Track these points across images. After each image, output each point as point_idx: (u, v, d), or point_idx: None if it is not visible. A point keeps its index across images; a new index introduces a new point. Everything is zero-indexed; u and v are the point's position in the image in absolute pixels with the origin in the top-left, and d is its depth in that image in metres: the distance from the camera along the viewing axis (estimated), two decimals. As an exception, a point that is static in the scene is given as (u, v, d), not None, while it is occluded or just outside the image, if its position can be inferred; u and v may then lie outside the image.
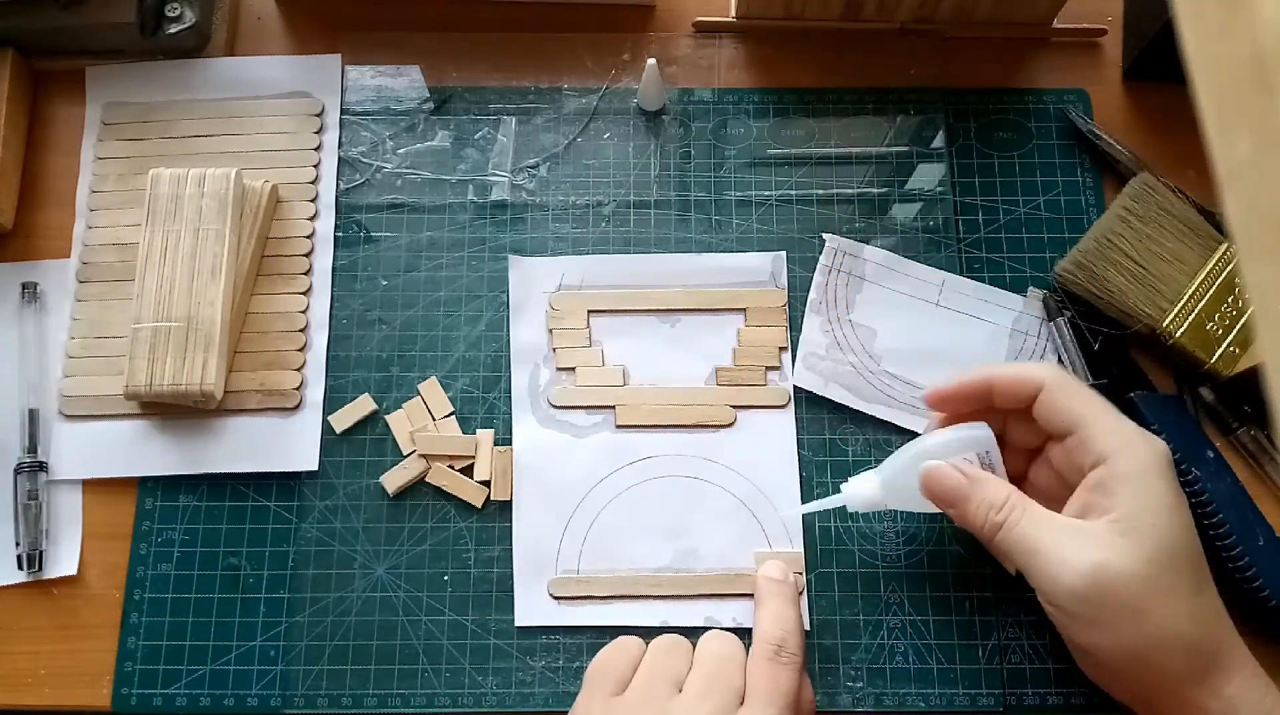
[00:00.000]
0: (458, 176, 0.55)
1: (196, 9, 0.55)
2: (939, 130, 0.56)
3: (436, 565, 0.49)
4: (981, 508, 0.41)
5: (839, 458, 0.50)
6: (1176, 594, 0.38)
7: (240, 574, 0.49)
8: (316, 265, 0.53)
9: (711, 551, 0.49)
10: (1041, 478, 0.45)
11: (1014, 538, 0.40)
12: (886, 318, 0.52)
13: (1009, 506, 0.41)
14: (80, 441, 0.51)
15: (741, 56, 0.58)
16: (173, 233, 0.51)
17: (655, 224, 0.54)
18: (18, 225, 0.54)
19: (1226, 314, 0.49)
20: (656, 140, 0.56)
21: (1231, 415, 0.50)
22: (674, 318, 0.53)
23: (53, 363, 0.52)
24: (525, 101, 0.56)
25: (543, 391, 0.51)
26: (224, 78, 0.56)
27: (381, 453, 0.50)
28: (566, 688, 0.47)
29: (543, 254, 0.54)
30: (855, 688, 0.47)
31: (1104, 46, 0.58)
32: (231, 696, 0.47)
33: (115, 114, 0.56)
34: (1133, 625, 0.38)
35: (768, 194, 0.55)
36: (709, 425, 0.51)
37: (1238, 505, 0.46)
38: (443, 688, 0.47)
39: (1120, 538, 0.38)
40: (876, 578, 0.49)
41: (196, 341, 0.49)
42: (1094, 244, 0.51)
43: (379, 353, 0.52)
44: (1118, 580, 0.38)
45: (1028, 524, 0.40)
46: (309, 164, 0.55)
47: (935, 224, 0.54)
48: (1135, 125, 0.56)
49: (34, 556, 0.48)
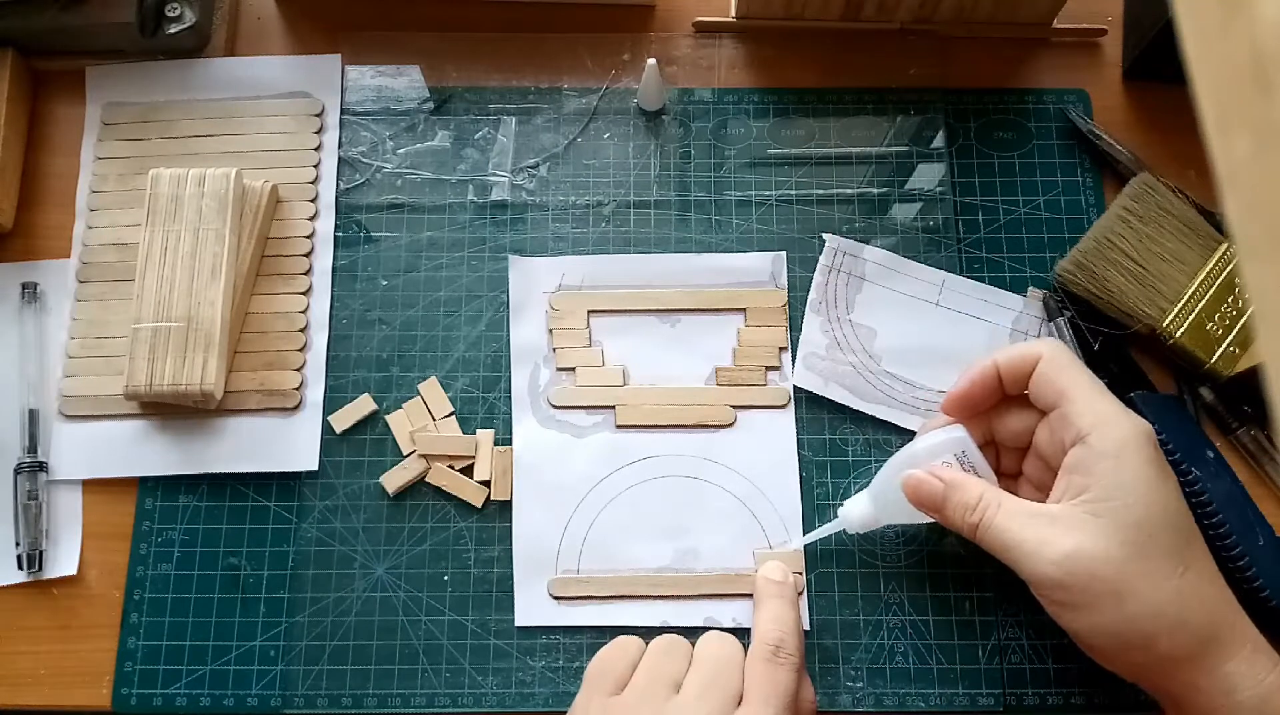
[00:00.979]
0: (458, 176, 0.55)
1: (196, 9, 0.55)
2: (939, 130, 0.56)
3: (436, 565, 0.49)
4: (958, 510, 0.42)
5: (839, 458, 0.50)
6: (1158, 574, 0.38)
7: (240, 574, 0.49)
8: (316, 265, 0.53)
9: (711, 551, 0.49)
10: (1033, 471, 0.45)
11: (991, 535, 0.40)
12: (887, 318, 0.52)
13: (982, 505, 0.41)
14: (80, 441, 0.51)
15: (741, 56, 0.58)
16: (173, 233, 0.51)
17: (655, 224, 0.54)
18: (18, 225, 0.54)
19: (1226, 314, 0.49)
20: (656, 140, 0.56)
21: (1231, 415, 0.50)
22: (674, 318, 0.53)
23: (53, 363, 0.52)
24: (525, 101, 0.56)
25: (543, 391, 0.51)
26: (224, 78, 0.56)
27: (381, 453, 0.50)
28: (566, 688, 0.47)
29: (543, 254, 0.54)
30: (855, 688, 0.47)
31: (1104, 46, 0.58)
32: (231, 696, 0.47)
33: (115, 114, 0.56)
34: (1114, 607, 0.38)
35: (768, 194, 0.55)
36: (709, 425, 0.51)
37: (1238, 505, 0.46)
38: (443, 688, 0.47)
39: (1095, 520, 0.38)
40: (876, 578, 0.49)
41: (196, 341, 0.49)
42: (1094, 244, 0.51)
43: (379, 353, 0.52)
44: (1092, 564, 0.38)
45: (1002, 519, 0.40)
46: (309, 164, 0.55)
47: (935, 224, 0.54)
48: (1135, 125, 0.56)
49: (34, 556, 0.48)
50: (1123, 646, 0.39)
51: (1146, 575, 0.38)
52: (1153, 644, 0.38)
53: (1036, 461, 0.44)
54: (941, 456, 0.44)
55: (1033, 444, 0.44)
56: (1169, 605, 0.38)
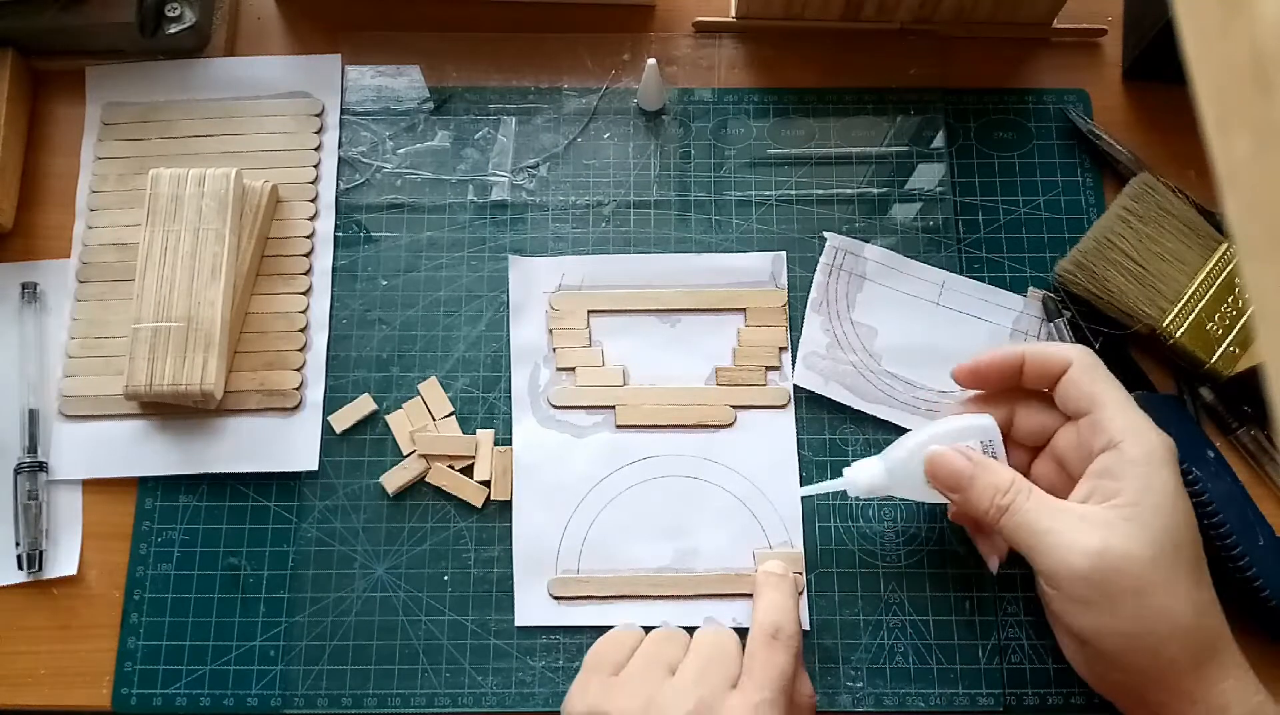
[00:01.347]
0: (458, 176, 0.55)
1: (196, 9, 0.55)
2: (939, 130, 0.56)
3: (436, 565, 0.49)
4: (987, 491, 0.42)
5: (839, 457, 0.50)
6: (1178, 582, 0.39)
7: (240, 574, 0.49)
8: (316, 265, 0.53)
9: (711, 551, 0.49)
10: (1044, 473, 0.45)
11: (1019, 521, 0.40)
12: (887, 317, 0.52)
13: (1014, 490, 0.41)
14: (80, 441, 0.51)
15: (741, 56, 0.58)
16: (173, 233, 0.51)
17: (655, 224, 0.54)
18: (18, 225, 0.54)
19: (1226, 314, 0.49)
20: (656, 140, 0.56)
21: (1231, 415, 0.50)
22: (674, 318, 0.53)
23: (53, 363, 0.52)
24: (525, 101, 0.56)
25: (543, 391, 0.51)
26: (224, 78, 0.56)
27: (381, 453, 0.50)
28: (566, 688, 0.47)
29: (543, 254, 0.54)
30: (855, 688, 0.47)
31: (1104, 46, 0.58)
32: (231, 696, 0.47)
33: (115, 114, 0.56)
34: (1134, 608, 0.38)
35: (768, 194, 0.55)
36: (709, 425, 0.51)
37: (1238, 505, 0.46)
38: (443, 688, 0.47)
39: (1125, 523, 0.39)
40: (876, 578, 0.49)
41: (196, 341, 0.49)
42: (1094, 244, 0.51)
43: (379, 353, 0.52)
44: (1122, 562, 0.38)
45: (1033, 507, 0.40)
46: (309, 164, 0.55)
47: (935, 224, 0.54)
48: (1135, 125, 0.56)
49: (34, 556, 0.48)
50: (1131, 649, 0.39)
51: (1167, 581, 0.38)
52: (1163, 648, 0.38)
53: (1051, 463, 0.45)
54: (967, 440, 0.44)
55: (1050, 445, 0.45)
56: (1185, 613, 0.38)
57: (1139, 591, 0.38)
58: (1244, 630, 0.48)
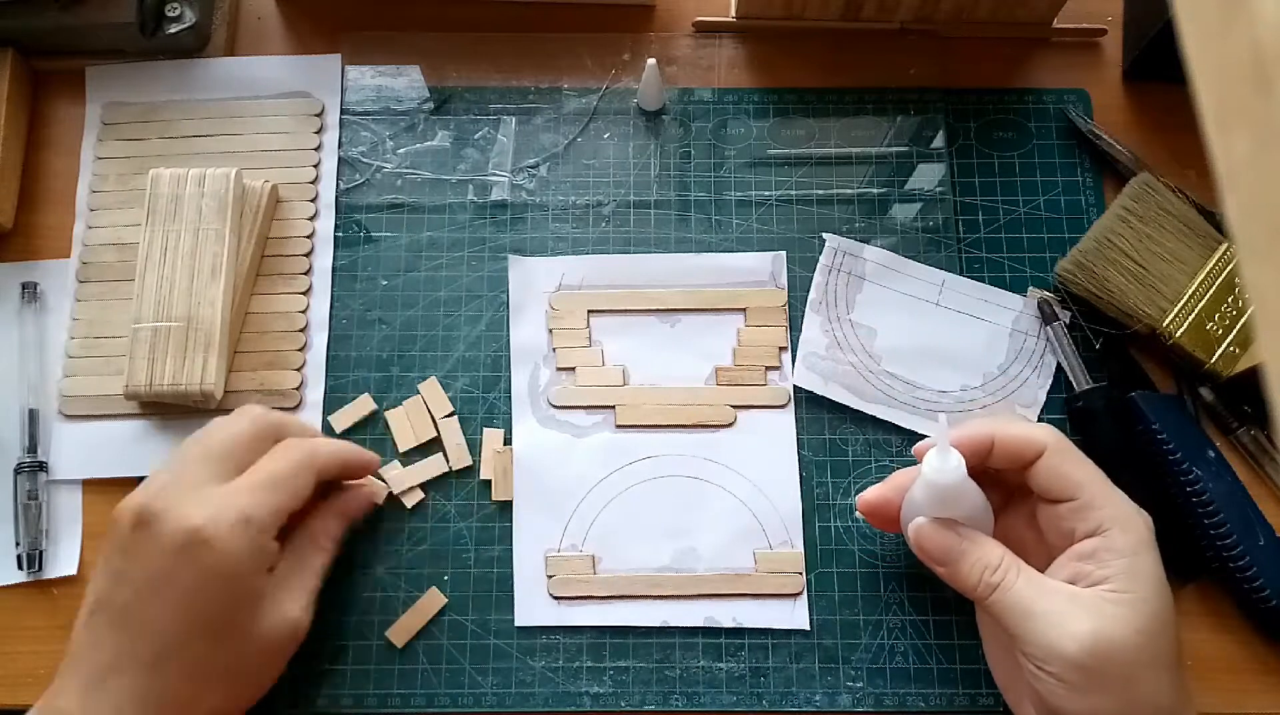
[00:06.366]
0: (458, 176, 0.55)
1: (196, 9, 0.56)
2: (939, 130, 0.56)
3: (436, 565, 0.49)
4: (976, 567, 0.41)
5: (839, 458, 0.50)
6: (1162, 665, 0.39)
7: (240, 574, 0.49)
8: (316, 265, 0.53)
9: (711, 551, 0.49)
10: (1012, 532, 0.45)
11: (1009, 600, 0.40)
12: (887, 317, 0.52)
13: (1004, 568, 0.41)
14: (80, 441, 0.51)
15: (741, 56, 0.58)
16: (173, 233, 0.51)
17: (655, 224, 0.54)
18: (18, 225, 0.54)
19: (1226, 314, 0.49)
20: (656, 140, 0.56)
21: (1231, 415, 0.50)
22: (674, 318, 0.53)
23: (53, 363, 0.52)
24: (525, 101, 0.56)
25: (543, 391, 0.51)
26: (224, 78, 0.56)
27: (381, 453, 0.50)
28: (566, 688, 0.47)
29: (543, 254, 0.54)
30: (855, 688, 0.47)
31: (1104, 46, 0.58)
32: (231, 696, 0.47)
33: (115, 114, 0.56)
34: (1123, 693, 0.38)
35: (768, 194, 0.55)
36: (709, 425, 0.51)
37: (1238, 505, 0.46)
38: (443, 688, 0.47)
39: (1115, 608, 0.39)
40: (876, 578, 0.49)
41: (196, 341, 0.49)
42: (1094, 244, 0.51)
43: (379, 353, 0.52)
44: (1113, 648, 0.38)
45: (1024, 586, 0.40)
46: (309, 164, 0.55)
47: (935, 224, 0.54)
48: (1135, 125, 0.56)
49: (34, 556, 0.48)
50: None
51: (1152, 666, 0.39)
52: None
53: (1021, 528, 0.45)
54: None
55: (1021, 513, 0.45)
56: (1167, 696, 0.39)
57: (1129, 678, 0.38)
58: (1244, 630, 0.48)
